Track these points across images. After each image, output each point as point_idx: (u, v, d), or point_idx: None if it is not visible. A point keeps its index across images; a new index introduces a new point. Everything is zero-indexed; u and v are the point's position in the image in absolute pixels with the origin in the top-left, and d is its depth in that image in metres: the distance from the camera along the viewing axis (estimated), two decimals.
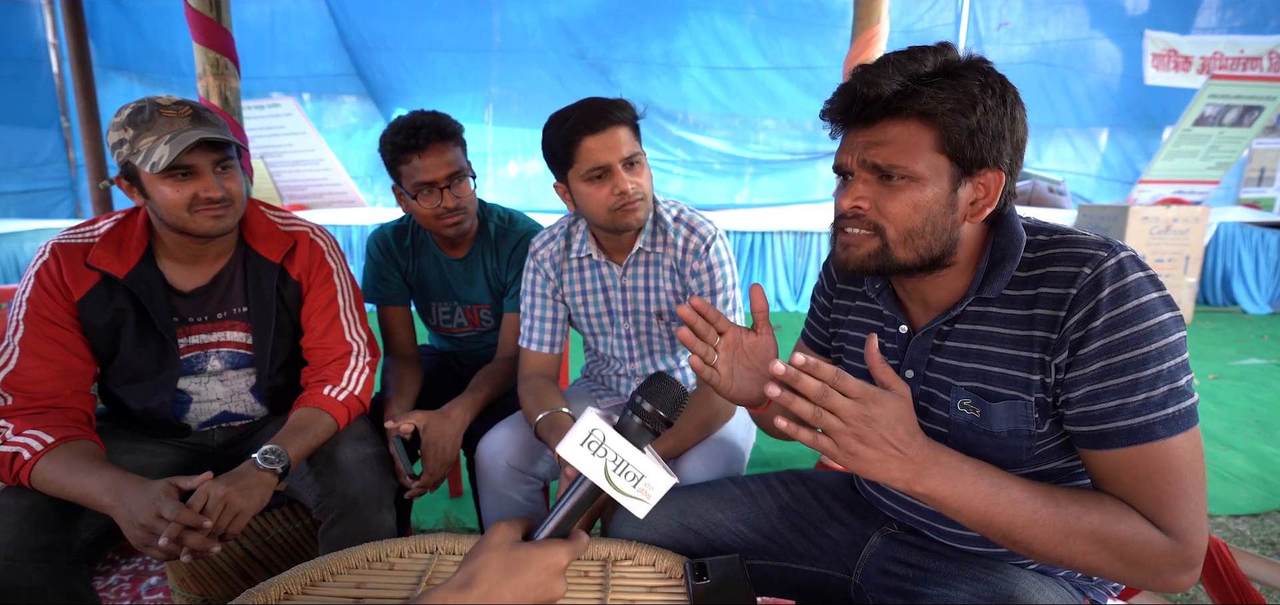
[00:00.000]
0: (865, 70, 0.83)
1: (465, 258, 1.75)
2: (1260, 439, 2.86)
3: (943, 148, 0.81)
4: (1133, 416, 0.76)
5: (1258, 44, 6.37)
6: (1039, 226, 0.89)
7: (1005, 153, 0.82)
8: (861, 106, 0.84)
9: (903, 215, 0.84)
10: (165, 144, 1.12)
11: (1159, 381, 0.75)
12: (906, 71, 0.81)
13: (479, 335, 1.87)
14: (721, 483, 1.20)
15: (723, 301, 1.42)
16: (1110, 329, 0.76)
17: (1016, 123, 0.83)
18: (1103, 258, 0.79)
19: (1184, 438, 0.75)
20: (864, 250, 0.88)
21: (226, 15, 2.14)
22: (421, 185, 1.56)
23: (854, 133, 0.87)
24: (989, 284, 0.87)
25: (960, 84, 0.79)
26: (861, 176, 0.87)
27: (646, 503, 0.72)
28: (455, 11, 6.41)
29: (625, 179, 1.33)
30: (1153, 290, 0.77)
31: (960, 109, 0.79)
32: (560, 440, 0.71)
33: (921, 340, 0.95)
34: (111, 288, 1.23)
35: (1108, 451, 0.78)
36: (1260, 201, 6.30)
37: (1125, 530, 0.76)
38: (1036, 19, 6.75)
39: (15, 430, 1.12)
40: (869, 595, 1.04)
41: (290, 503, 1.50)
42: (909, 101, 0.80)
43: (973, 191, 0.85)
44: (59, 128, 6.42)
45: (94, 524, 1.16)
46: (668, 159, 6.86)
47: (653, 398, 0.73)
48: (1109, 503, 0.78)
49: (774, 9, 6.55)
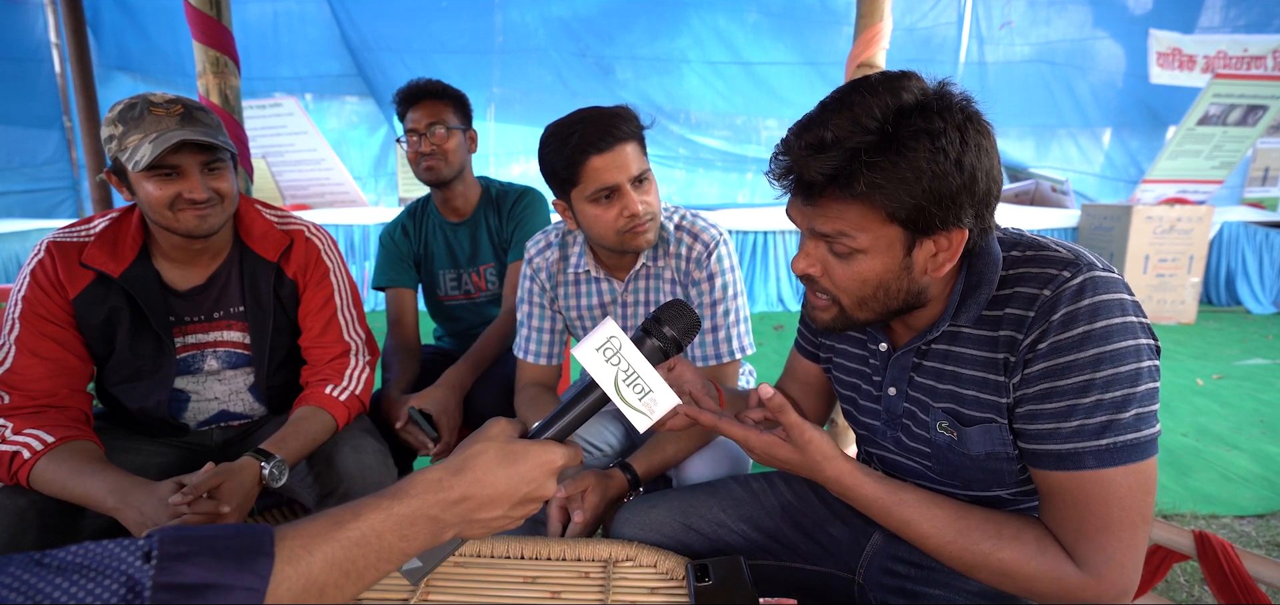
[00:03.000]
0: (802, 138, 0.76)
1: (469, 220, 1.92)
2: (1265, 439, 2.84)
3: (890, 219, 0.75)
4: (1063, 442, 0.75)
5: (1262, 43, 6.35)
6: (1014, 240, 0.86)
7: (965, 211, 0.75)
8: (798, 184, 0.79)
9: (853, 285, 0.82)
10: (149, 143, 1.11)
11: (1098, 410, 0.72)
12: (846, 145, 0.73)
13: (485, 301, 1.96)
14: (724, 482, 1.19)
15: (723, 311, 1.36)
16: (1054, 352, 0.75)
17: (978, 177, 0.74)
18: (1065, 278, 0.76)
19: (1121, 472, 0.72)
20: (827, 315, 0.88)
21: (227, 13, 2.14)
22: (408, 132, 1.82)
23: (799, 198, 0.82)
24: (963, 312, 0.85)
25: (904, 160, 0.71)
26: (808, 244, 0.84)
27: (649, 418, 0.74)
28: (457, 11, 6.42)
29: (635, 200, 1.25)
30: (1117, 314, 0.73)
31: (905, 185, 0.72)
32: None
33: (901, 358, 0.94)
34: (107, 286, 1.23)
35: (1040, 471, 0.78)
36: (1264, 201, 6.26)
37: (1034, 568, 0.76)
38: (1039, 18, 6.73)
39: (14, 429, 1.12)
40: (871, 594, 1.03)
41: (289, 502, 1.50)
42: (847, 185, 0.74)
43: (933, 247, 0.79)
44: (61, 128, 6.44)
45: (93, 524, 1.16)
46: (669, 158, 6.86)
47: (670, 320, 0.79)
48: (1027, 537, 0.78)
49: (776, 7, 6.54)
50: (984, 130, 0.75)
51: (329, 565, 0.56)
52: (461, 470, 0.64)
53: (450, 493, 0.63)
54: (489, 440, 0.67)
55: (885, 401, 0.98)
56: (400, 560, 0.61)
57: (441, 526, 0.63)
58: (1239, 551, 1.08)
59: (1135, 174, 6.70)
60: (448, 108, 1.81)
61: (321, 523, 0.57)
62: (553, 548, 1.02)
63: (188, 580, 0.49)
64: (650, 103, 6.57)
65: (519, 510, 0.67)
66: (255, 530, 0.54)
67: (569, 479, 1.20)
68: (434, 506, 0.62)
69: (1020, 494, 0.89)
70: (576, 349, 0.74)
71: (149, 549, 0.49)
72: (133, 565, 0.48)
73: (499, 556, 1.01)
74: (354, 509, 0.59)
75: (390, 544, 0.59)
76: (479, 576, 0.97)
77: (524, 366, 1.52)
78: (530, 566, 0.99)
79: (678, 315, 0.79)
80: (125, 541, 0.50)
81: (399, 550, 0.60)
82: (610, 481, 1.23)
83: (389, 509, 0.60)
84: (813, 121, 0.76)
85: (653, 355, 0.77)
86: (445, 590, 0.93)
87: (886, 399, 0.97)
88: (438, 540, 0.63)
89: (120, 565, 0.48)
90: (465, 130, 1.86)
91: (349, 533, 0.57)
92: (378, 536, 0.59)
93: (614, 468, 1.26)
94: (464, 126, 1.85)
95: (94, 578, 0.47)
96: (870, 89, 0.74)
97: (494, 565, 0.99)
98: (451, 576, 0.96)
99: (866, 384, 1.02)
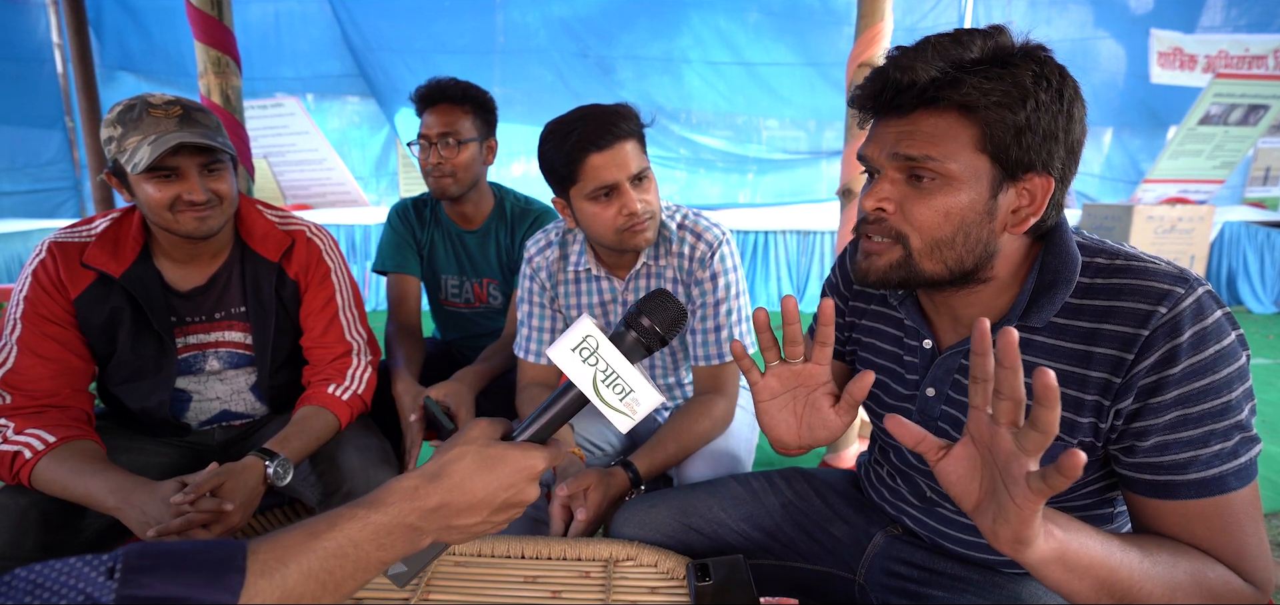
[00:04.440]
0: (901, 53, 0.74)
1: (479, 231, 1.81)
2: (1267, 440, 2.84)
3: (984, 146, 0.72)
4: (1205, 468, 0.70)
5: (1263, 42, 6.34)
6: (1099, 247, 0.79)
7: (1057, 156, 0.72)
8: (894, 93, 0.74)
9: (931, 222, 0.75)
10: (147, 145, 1.11)
11: (1234, 431, 0.69)
12: (949, 56, 0.71)
13: (485, 313, 1.89)
14: (724, 481, 1.19)
15: (726, 311, 1.36)
16: (1191, 376, 0.69)
17: (1073, 122, 0.72)
18: (1180, 295, 0.70)
19: (1251, 486, 0.70)
20: (885, 261, 0.79)
21: (228, 13, 2.14)
22: (420, 137, 1.69)
23: (885, 122, 0.77)
24: (1035, 311, 0.78)
25: (1011, 74, 0.69)
26: (888, 174, 0.77)
27: (631, 418, 0.70)
28: (458, 12, 6.42)
29: (634, 198, 1.24)
30: (1232, 331, 0.70)
31: (1008, 103, 0.69)
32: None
33: (947, 360, 0.87)
34: (108, 286, 1.23)
35: (1174, 503, 0.72)
36: (1266, 201, 6.26)
37: (1215, 578, 0.69)
38: (1040, 18, 6.71)
39: (16, 429, 1.12)
40: (873, 595, 1.03)
41: (292, 502, 1.50)
42: (949, 91, 0.70)
43: (1016, 198, 0.75)
44: (63, 128, 6.44)
45: (94, 524, 1.16)
46: (670, 158, 6.85)
47: (651, 313, 0.72)
48: (1185, 548, 0.71)
49: (777, 7, 6.53)
50: (1074, 82, 0.74)
51: (306, 577, 0.55)
52: (438, 477, 0.63)
53: (427, 500, 0.62)
54: (468, 443, 0.66)
55: (920, 402, 0.92)
56: (378, 569, 0.61)
57: (419, 534, 0.62)
58: None
59: (1136, 174, 6.68)
60: (465, 115, 1.68)
61: (297, 534, 0.57)
62: (553, 547, 1.02)
63: (153, 593, 0.48)
64: (651, 102, 6.56)
65: (499, 516, 0.66)
66: (226, 545, 0.54)
67: (571, 477, 1.21)
68: (411, 515, 0.61)
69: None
70: (550, 350, 0.70)
71: (113, 564, 0.48)
72: (93, 582, 0.47)
73: (499, 556, 1.01)
74: (329, 519, 0.59)
75: (368, 553, 0.59)
76: (479, 576, 0.97)
77: (525, 366, 1.52)
78: (531, 566, 0.99)
79: (660, 307, 0.73)
80: (90, 558, 0.48)
81: (377, 559, 0.60)
82: (612, 480, 1.23)
83: (366, 518, 0.60)
84: (914, 45, 0.74)
85: (634, 351, 0.72)
86: (445, 590, 0.93)
87: (922, 399, 0.91)
88: (416, 547, 0.63)
89: (79, 583, 0.46)
90: (484, 140, 1.73)
91: (326, 543, 0.57)
92: (355, 546, 0.58)
93: (616, 466, 1.27)
94: (481, 136, 1.71)
95: (48, 596, 0.45)
96: (967, 32, 0.73)
97: (494, 565, 0.99)
98: (452, 576, 0.96)
99: (897, 382, 0.96)
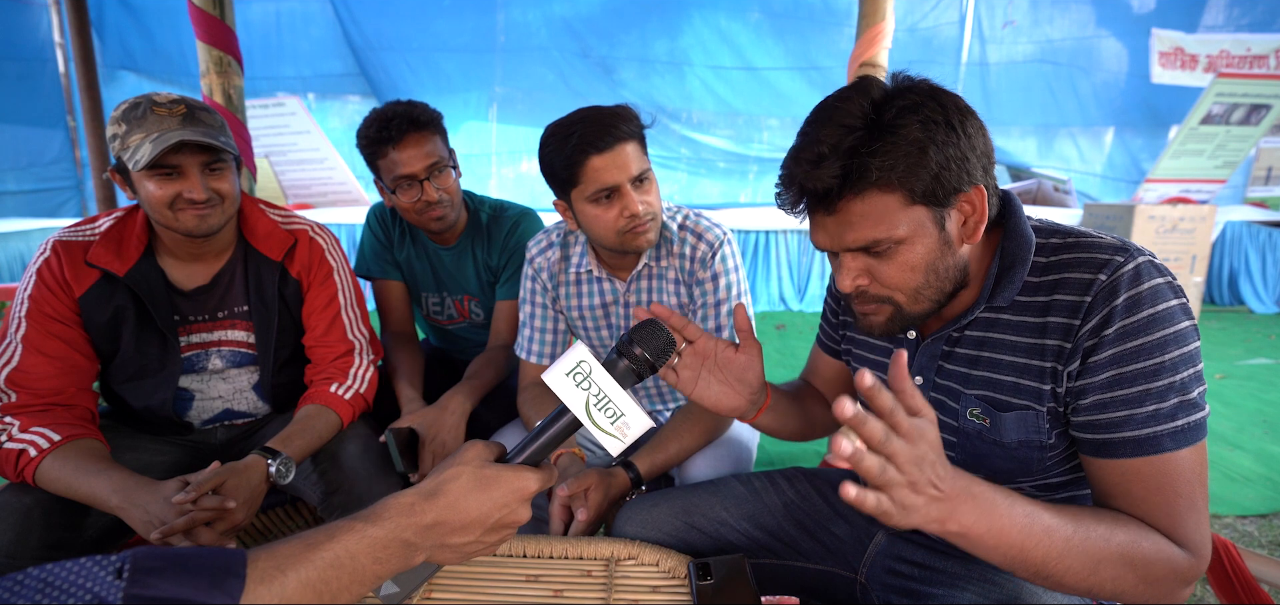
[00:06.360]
0: (800, 162, 0.78)
1: (455, 248, 1.73)
2: (1268, 439, 2.83)
3: (913, 200, 0.77)
4: (1140, 427, 0.74)
5: (1265, 42, 6.33)
6: (1052, 229, 0.86)
7: (974, 168, 0.78)
8: (814, 200, 0.80)
9: (903, 278, 0.82)
10: (150, 142, 1.12)
11: (1170, 393, 0.73)
12: (842, 148, 0.75)
13: (470, 327, 1.85)
14: (726, 480, 1.19)
15: (727, 311, 1.37)
16: (1123, 337, 0.74)
17: (972, 134, 0.77)
18: (1119, 262, 0.76)
19: (1191, 451, 0.74)
20: (883, 318, 0.86)
21: (230, 13, 2.15)
22: (400, 179, 1.51)
23: (819, 218, 0.82)
24: (999, 292, 0.85)
25: (901, 135, 0.74)
26: (847, 260, 0.84)
27: (622, 442, 0.74)
28: (459, 11, 6.42)
29: (635, 200, 1.24)
30: (1172, 297, 0.75)
31: (912, 163, 0.74)
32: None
33: (930, 347, 0.93)
34: (112, 285, 1.23)
35: (1113, 460, 0.77)
36: (1267, 200, 6.25)
37: (1148, 548, 0.73)
38: (1042, 17, 6.71)
39: (21, 428, 1.13)
40: (874, 594, 1.04)
41: (294, 501, 1.50)
42: (858, 181, 0.76)
43: (959, 215, 0.81)
44: (65, 127, 6.45)
45: (97, 523, 1.16)
46: (671, 157, 6.85)
47: (642, 341, 0.78)
48: (1125, 519, 0.75)
49: (778, 7, 6.53)
50: (952, 96, 0.78)
51: (303, 586, 0.57)
52: (434, 495, 0.65)
53: (423, 517, 0.64)
54: (463, 464, 0.68)
55: None
56: (374, 582, 0.62)
57: (413, 550, 0.64)
58: (1241, 551, 1.08)
59: (1137, 174, 6.68)
60: (435, 134, 1.54)
61: (295, 545, 0.58)
62: (555, 546, 1.02)
63: (159, 594, 0.49)
64: (652, 102, 6.56)
65: (492, 536, 0.68)
66: (227, 552, 0.55)
67: (572, 477, 1.21)
68: (407, 530, 0.63)
69: (1041, 488, 0.89)
70: (546, 375, 0.73)
71: (122, 565, 0.50)
72: (102, 582, 0.48)
73: (501, 555, 1.02)
74: (328, 531, 0.60)
75: (363, 566, 0.61)
76: (481, 575, 0.97)
77: (526, 366, 1.52)
78: (532, 565, 1.00)
79: (651, 336, 0.79)
80: (99, 558, 0.50)
81: (372, 573, 0.62)
82: (613, 480, 1.23)
83: (363, 532, 0.61)
84: (804, 144, 0.79)
85: (625, 377, 0.76)
86: (447, 589, 0.94)
87: None
88: (410, 563, 0.65)
89: (88, 582, 0.48)
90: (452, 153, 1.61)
91: (323, 554, 0.58)
92: (352, 559, 0.60)
93: (617, 466, 1.27)
94: (450, 149, 1.60)
95: (58, 594, 0.47)
96: (840, 98, 0.78)
97: (496, 564, 1.00)
98: (454, 575, 0.97)
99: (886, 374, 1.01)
